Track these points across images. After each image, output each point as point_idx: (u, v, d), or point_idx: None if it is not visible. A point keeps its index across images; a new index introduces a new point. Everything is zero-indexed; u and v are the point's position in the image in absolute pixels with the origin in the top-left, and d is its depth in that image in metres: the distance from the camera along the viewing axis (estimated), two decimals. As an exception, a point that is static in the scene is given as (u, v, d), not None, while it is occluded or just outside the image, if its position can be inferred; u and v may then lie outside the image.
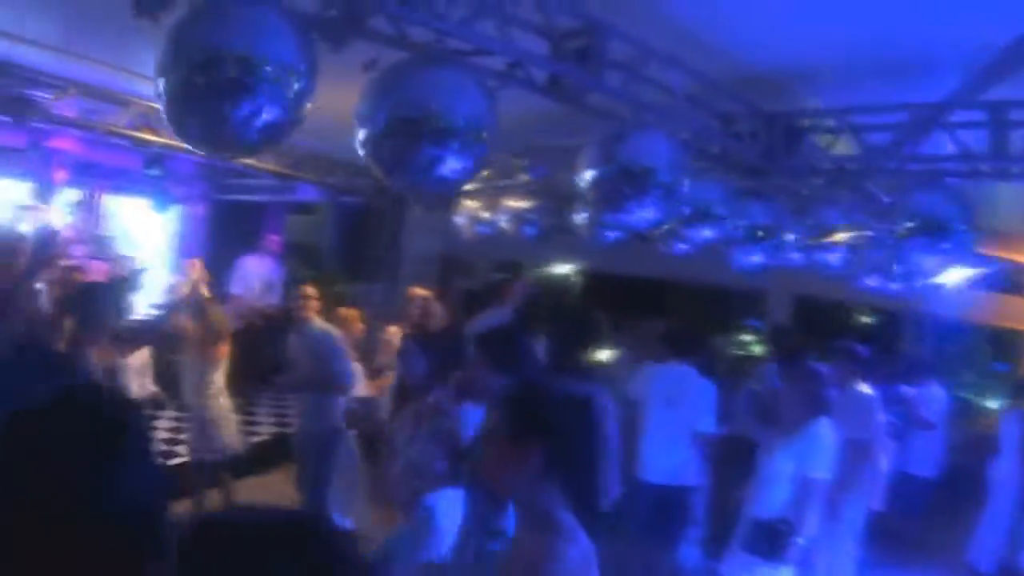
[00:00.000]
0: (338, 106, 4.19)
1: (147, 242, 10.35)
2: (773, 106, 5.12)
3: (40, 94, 6.69)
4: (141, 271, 7.99)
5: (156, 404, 5.42)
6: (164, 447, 6.05)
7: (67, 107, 6.83)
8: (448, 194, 4.50)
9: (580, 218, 6.41)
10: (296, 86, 3.35)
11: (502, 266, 10.08)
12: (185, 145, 5.23)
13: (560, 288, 10.14)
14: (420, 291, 7.48)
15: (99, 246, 9.00)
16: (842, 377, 5.55)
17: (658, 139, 4.38)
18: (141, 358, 5.29)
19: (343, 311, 6.63)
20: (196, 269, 6.80)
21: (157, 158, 8.63)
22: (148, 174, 8.77)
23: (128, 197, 10.11)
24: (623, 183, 4.43)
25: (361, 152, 3.88)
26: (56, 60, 6.11)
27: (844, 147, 5.18)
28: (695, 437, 5.54)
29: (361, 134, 3.80)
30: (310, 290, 6.31)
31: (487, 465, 2.32)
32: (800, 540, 4.19)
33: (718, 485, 5.72)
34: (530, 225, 7.75)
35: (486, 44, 4.05)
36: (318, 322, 6.06)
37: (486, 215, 7.97)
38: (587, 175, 4.56)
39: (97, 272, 7.46)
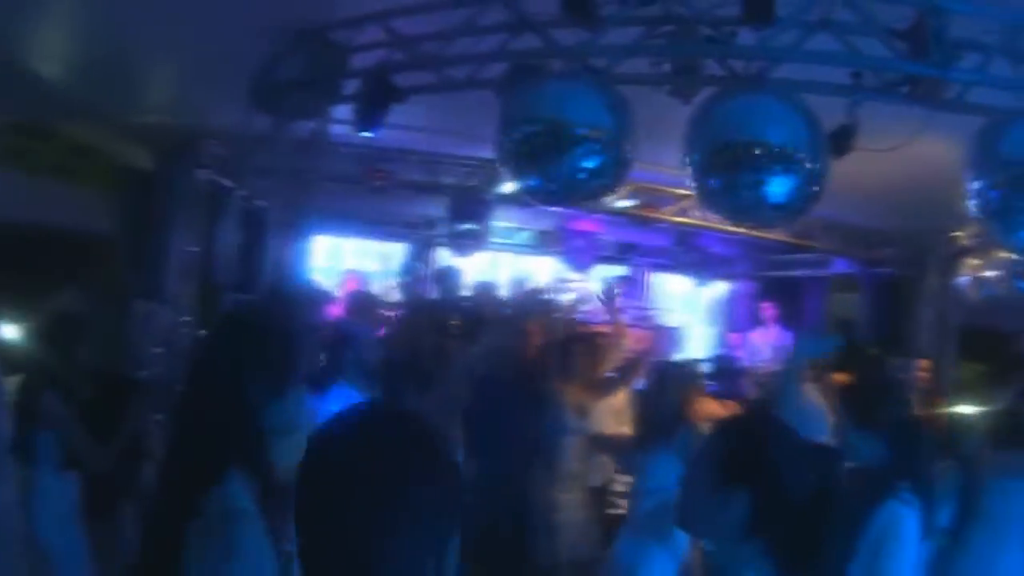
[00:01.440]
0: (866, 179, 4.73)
1: (689, 314, 11.23)
2: None
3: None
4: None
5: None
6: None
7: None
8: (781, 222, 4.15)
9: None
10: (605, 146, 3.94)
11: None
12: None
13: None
14: (924, 363, 7.43)
15: (640, 316, 9.99)
16: None
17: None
18: (620, 403, 5.79)
19: (836, 376, 6.19)
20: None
21: (685, 237, 9.58)
22: (680, 252, 9.74)
23: (669, 274, 11.12)
24: (1009, 192, 3.57)
25: (690, 183, 4.03)
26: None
27: None
28: None
29: (688, 169, 3.96)
30: None
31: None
32: None
33: None
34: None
35: (824, 60, 3.85)
36: (807, 391, 5.83)
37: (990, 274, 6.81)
38: (970, 189, 3.76)
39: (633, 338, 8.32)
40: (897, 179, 5.16)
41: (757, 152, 3.70)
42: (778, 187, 3.74)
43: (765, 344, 9.27)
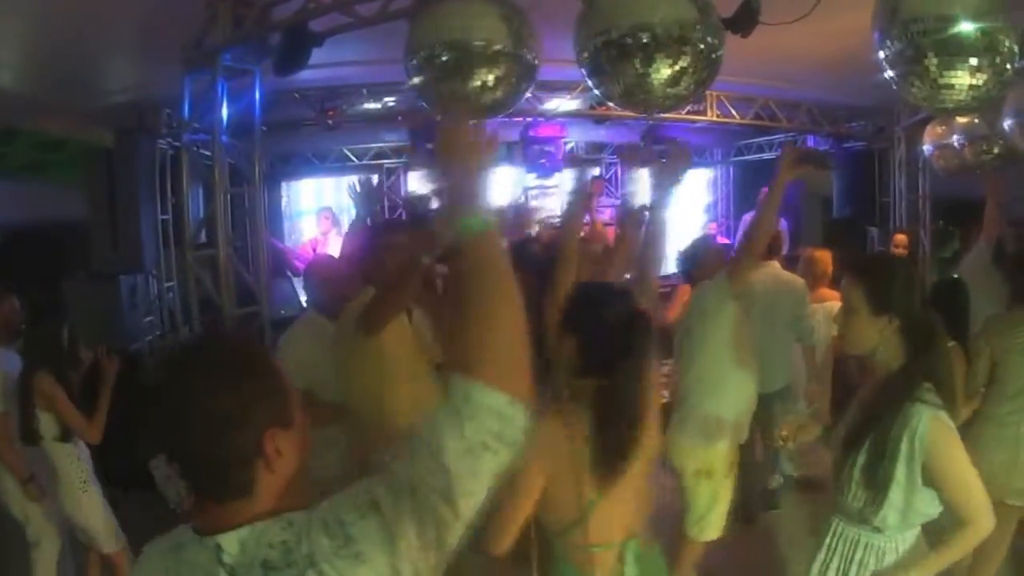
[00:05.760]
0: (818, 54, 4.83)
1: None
2: None
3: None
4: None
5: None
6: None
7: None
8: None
9: None
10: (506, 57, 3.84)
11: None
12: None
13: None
14: (901, 235, 7.20)
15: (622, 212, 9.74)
16: None
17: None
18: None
19: (811, 251, 5.89)
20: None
21: (651, 130, 9.24)
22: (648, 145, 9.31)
23: (642, 168, 10.69)
24: (914, 53, 3.29)
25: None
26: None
27: None
28: None
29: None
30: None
31: None
32: None
33: None
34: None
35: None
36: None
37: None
38: (882, 54, 3.46)
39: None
40: (851, 52, 4.89)
41: (642, 38, 3.47)
42: (667, 70, 3.53)
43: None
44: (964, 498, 2.05)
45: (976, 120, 6.01)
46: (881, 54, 3.47)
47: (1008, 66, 3.30)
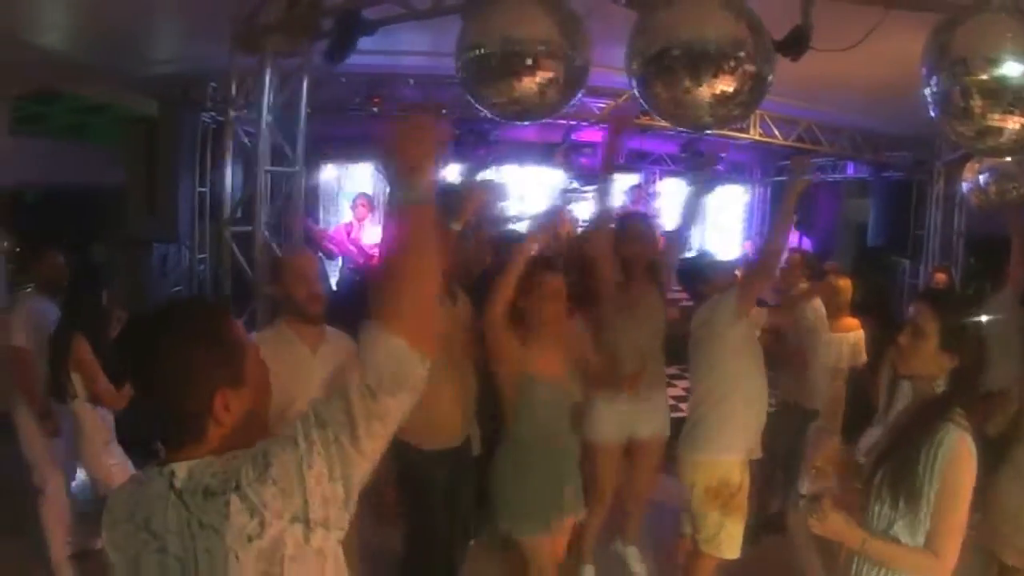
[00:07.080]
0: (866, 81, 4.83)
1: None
2: None
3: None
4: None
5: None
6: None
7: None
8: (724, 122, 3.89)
9: None
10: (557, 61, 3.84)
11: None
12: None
13: None
14: (941, 275, 7.25)
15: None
16: None
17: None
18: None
19: (833, 279, 5.84)
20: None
21: (692, 142, 9.31)
22: (685, 158, 9.57)
23: (681, 180, 10.77)
24: (962, 91, 3.32)
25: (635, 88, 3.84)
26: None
27: None
28: None
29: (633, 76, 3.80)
30: (796, 258, 5.99)
31: None
32: None
33: None
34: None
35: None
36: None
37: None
38: (928, 89, 3.49)
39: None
40: (898, 81, 4.93)
41: (693, 54, 3.48)
42: (714, 89, 3.51)
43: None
44: (945, 528, 2.09)
45: (1007, 159, 5.99)
46: (927, 91, 3.50)
47: (1053, 112, 3.33)
